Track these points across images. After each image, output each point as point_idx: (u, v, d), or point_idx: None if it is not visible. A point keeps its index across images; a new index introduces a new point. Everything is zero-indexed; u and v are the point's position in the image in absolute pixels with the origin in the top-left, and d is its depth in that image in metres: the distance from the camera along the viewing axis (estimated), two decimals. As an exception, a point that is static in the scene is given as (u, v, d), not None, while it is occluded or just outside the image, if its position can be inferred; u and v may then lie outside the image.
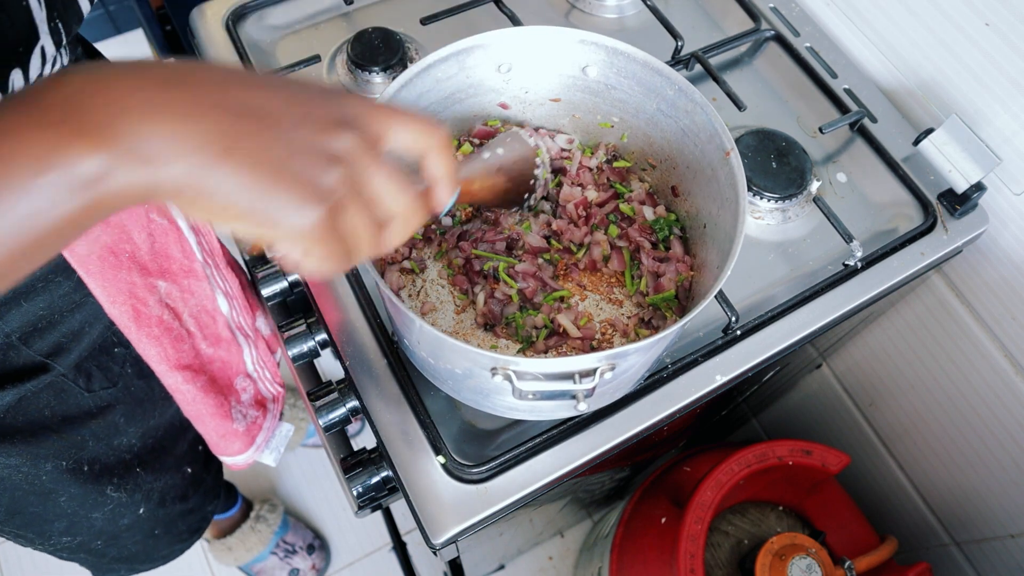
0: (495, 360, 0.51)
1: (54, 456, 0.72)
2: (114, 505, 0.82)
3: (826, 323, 0.73)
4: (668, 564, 0.93)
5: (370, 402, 0.67)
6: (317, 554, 1.50)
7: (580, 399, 0.53)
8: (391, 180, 0.38)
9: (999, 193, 0.81)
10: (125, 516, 0.84)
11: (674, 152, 0.68)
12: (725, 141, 0.60)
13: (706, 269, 0.64)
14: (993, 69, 0.78)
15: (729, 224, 0.59)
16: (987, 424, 0.94)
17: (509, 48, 0.65)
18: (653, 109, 0.67)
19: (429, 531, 0.62)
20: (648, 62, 0.63)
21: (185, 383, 0.78)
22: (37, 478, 0.73)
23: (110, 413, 0.76)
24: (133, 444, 0.81)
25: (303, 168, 0.35)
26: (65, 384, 0.70)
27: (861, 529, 1.02)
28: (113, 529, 0.85)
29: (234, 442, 0.87)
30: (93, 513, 0.81)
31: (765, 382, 1.04)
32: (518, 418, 0.65)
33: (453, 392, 0.63)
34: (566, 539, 1.54)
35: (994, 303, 0.86)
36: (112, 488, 0.80)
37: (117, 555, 0.91)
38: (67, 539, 0.83)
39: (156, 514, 0.89)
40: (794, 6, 0.95)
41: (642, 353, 0.56)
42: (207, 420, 0.82)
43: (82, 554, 0.88)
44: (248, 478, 1.60)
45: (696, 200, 0.67)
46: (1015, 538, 0.97)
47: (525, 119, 0.73)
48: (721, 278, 0.53)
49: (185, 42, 1.34)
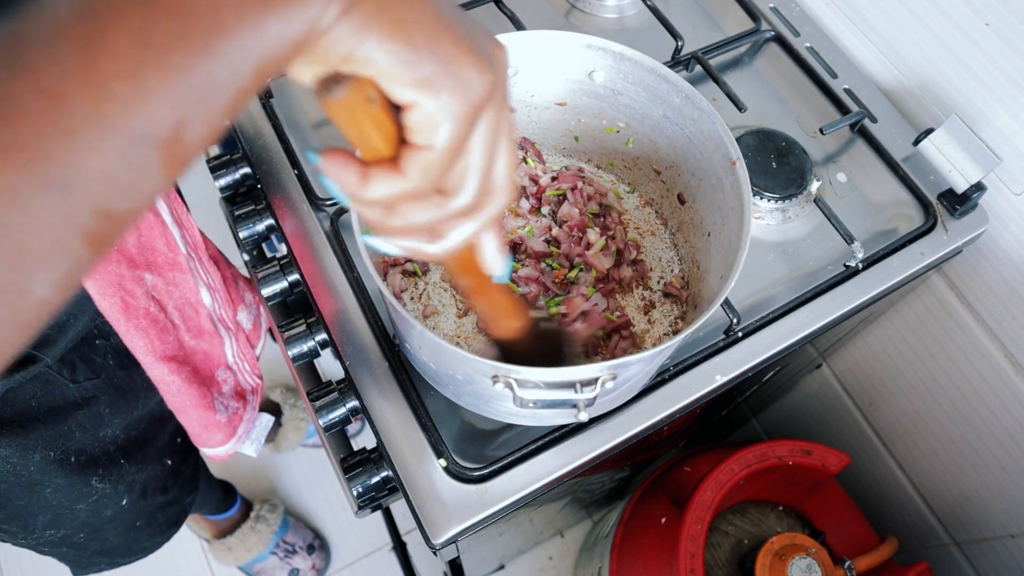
0: (496, 368, 0.51)
1: (42, 447, 0.73)
2: (98, 496, 0.82)
3: (826, 323, 0.73)
4: (668, 564, 0.93)
5: (370, 402, 0.67)
6: (317, 554, 1.50)
7: (580, 408, 0.53)
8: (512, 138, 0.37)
9: (999, 193, 0.81)
10: (108, 507, 0.85)
11: (679, 159, 0.67)
12: (732, 150, 0.59)
13: (710, 276, 0.63)
14: (993, 69, 0.78)
15: (734, 233, 0.58)
16: (987, 424, 0.94)
17: (515, 52, 0.65)
18: (659, 115, 0.66)
19: (429, 531, 0.62)
20: (655, 69, 0.63)
21: (170, 374, 0.78)
22: (25, 469, 0.73)
23: (95, 404, 0.76)
24: (118, 436, 0.82)
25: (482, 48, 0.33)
26: (50, 375, 0.71)
27: (861, 529, 1.02)
28: (96, 521, 0.86)
29: (216, 433, 0.88)
30: (77, 504, 0.81)
31: (765, 382, 1.04)
32: (518, 423, 0.65)
33: (453, 397, 0.63)
34: (566, 539, 1.54)
35: (994, 303, 0.86)
36: (97, 479, 0.81)
37: (99, 548, 0.91)
38: (51, 532, 0.83)
39: (138, 506, 0.89)
40: (794, 6, 0.95)
41: (644, 363, 0.56)
42: (191, 411, 0.83)
43: (64, 548, 0.88)
44: (248, 478, 1.60)
45: (701, 208, 0.67)
46: (1015, 538, 0.97)
47: (531, 122, 0.73)
48: (726, 287, 0.53)
49: (185, 42, 1.34)
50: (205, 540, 1.51)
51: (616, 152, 0.74)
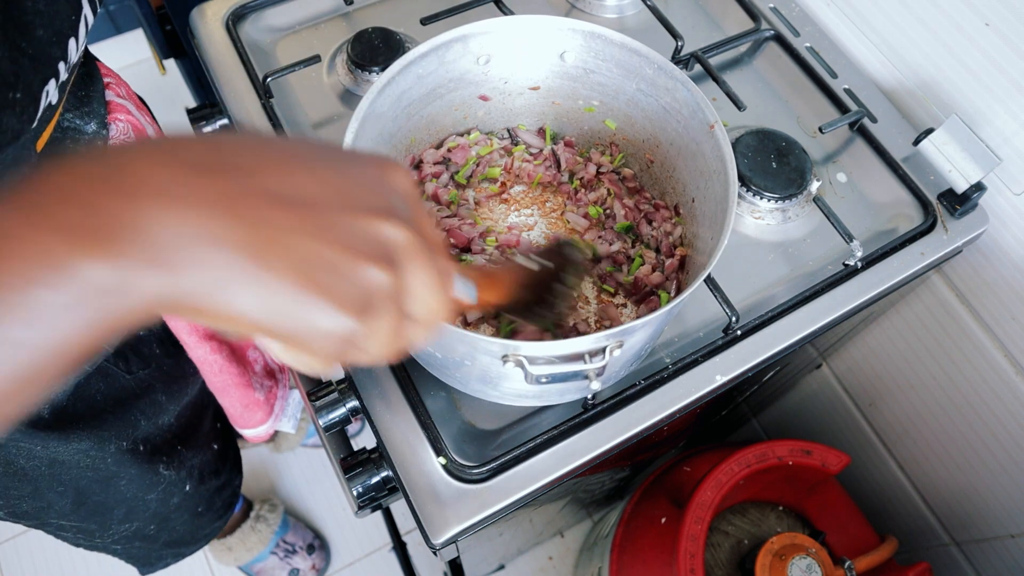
0: (505, 347, 0.52)
1: (115, 437, 0.76)
2: (166, 484, 0.85)
3: (826, 323, 0.73)
4: (668, 564, 0.93)
5: (370, 402, 0.67)
6: (317, 554, 1.50)
7: (592, 378, 0.54)
8: (434, 285, 0.34)
9: (999, 193, 0.81)
10: (175, 495, 0.88)
11: (656, 130, 0.69)
12: (708, 115, 0.61)
13: (699, 241, 0.65)
14: (993, 69, 0.78)
15: (719, 195, 0.60)
16: (987, 424, 0.94)
17: (487, 40, 0.66)
18: (633, 89, 0.67)
19: (429, 531, 0.62)
20: (625, 43, 0.64)
21: (212, 353, 0.81)
22: (103, 461, 0.76)
23: (152, 392, 0.79)
24: (172, 423, 0.85)
25: (343, 271, 0.30)
26: (109, 368, 0.73)
27: (861, 529, 1.02)
28: (165, 511, 0.88)
29: (256, 412, 0.91)
30: (148, 495, 0.84)
31: (765, 382, 1.04)
32: (526, 404, 0.66)
33: (460, 385, 0.64)
34: (566, 539, 1.54)
35: (994, 303, 0.86)
36: (163, 466, 0.84)
37: (168, 539, 0.94)
38: (125, 526, 0.86)
39: (199, 491, 0.92)
40: (794, 6, 0.95)
41: (647, 328, 0.56)
42: (232, 391, 0.86)
43: (137, 543, 0.91)
44: (248, 478, 1.60)
45: (683, 176, 0.68)
46: (1015, 538, 0.97)
47: (506, 108, 0.74)
48: (718, 248, 0.54)
49: (185, 42, 1.34)
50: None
51: (593, 132, 0.76)
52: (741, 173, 0.77)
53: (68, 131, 0.60)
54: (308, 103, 0.84)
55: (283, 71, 0.82)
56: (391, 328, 0.33)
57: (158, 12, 1.38)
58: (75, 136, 0.60)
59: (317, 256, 0.30)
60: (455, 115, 0.72)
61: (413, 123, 0.69)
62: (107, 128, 0.64)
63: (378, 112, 0.62)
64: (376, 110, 0.61)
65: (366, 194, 0.32)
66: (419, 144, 0.73)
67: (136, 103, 0.73)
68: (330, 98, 0.85)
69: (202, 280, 0.28)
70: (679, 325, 0.72)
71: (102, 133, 0.63)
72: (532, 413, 0.67)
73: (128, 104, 0.69)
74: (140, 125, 0.69)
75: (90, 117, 0.62)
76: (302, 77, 0.85)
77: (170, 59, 1.49)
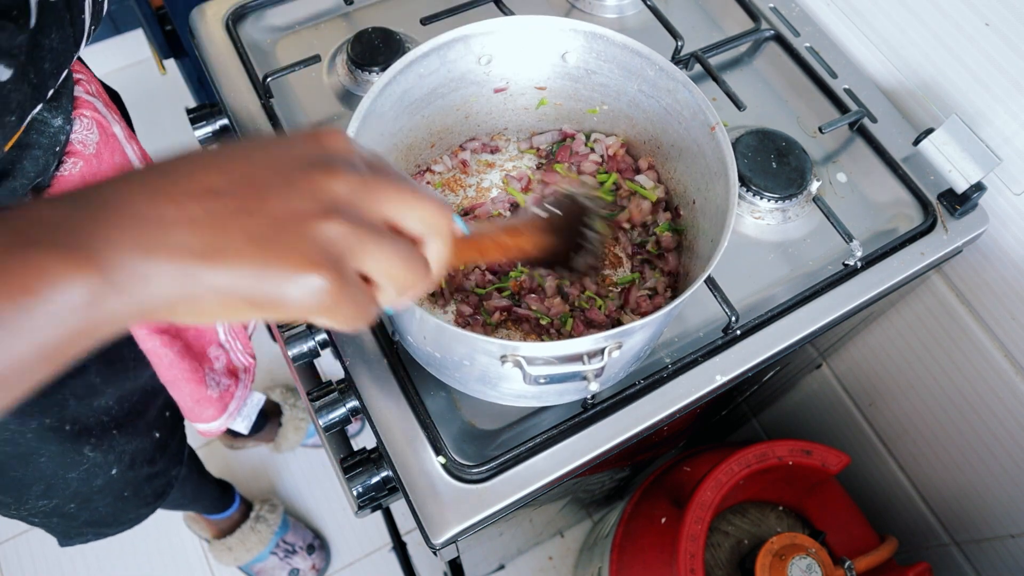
0: (504, 347, 0.52)
1: (39, 413, 0.75)
2: (89, 465, 0.84)
3: (826, 323, 0.73)
4: (668, 564, 0.93)
5: (370, 402, 0.67)
6: (317, 554, 1.50)
7: (591, 379, 0.53)
8: (392, 218, 0.35)
9: (999, 193, 0.81)
10: (99, 477, 0.87)
11: (657, 132, 0.69)
12: (709, 116, 0.61)
13: (701, 242, 0.64)
14: (993, 69, 0.78)
15: (720, 196, 0.60)
16: (987, 424, 0.94)
17: (489, 40, 0.66)
18: (635, 90, 0.67)
19: (429, 531, 0.62)
20: (627, 44, 0.64)
21: (162, 347, 0.80)
22: (23, 436, 0.75)
23: (86, 373, 0.78)
24: (111, 406, 0.84)
25: (291, 233, 0.31)
26: None
27: (861, 529, 1.02)
28: (87, 491, 0.88)
29: (207, 408, 0.90)
30: (70, 473, 0.83)
31: (765, 382, 1.04)
32: (525, 405, 0.66)
33: (459, 384, 0.64)
34: (566, 539, 1.54)
35: (994, 303, 0.86)
36: (89, 448, 0.83)
37: (88, 518, 0.94)
38: (43, 502, 0.85)
39: (126, 476, 0.91)
40: (794, 6, 0.95)
41: (647, 329, 0.56)
42: (182, 385, 0.85)
43: (55, 518, 0.90)
44: (248, 478, 1.60)
45: (684, 177, 0.68)
46: (1015, 538, 0.97)
47: (507, 109, 0.74)
48: (719, 249, 0.54)
49: (185, 42, 1.34)
50: (205, 540, 1.51)
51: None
52: (741, 173, 0.77)
53: (35, 123, 0.60)
54: (308, 103, 0.84)
55: (283, 71, 0.82)
56: (366, 268, 0.34)
57: (158, 12, 1.38)
58: (40, 128, 0.61)
59: (261, 229, 0.31)
60: (456, 115, 0.72)
61: (414, 123, 0.69)
62: (71, 123, 0.65)
63: (379, 111, 0.62)
64: (377, 109, 0.61)
65: (298, 161, 0.33)
66: (419, 145, 0.73)
67: (105, 100, 0.72)
68: (330, 98, 0.85)
69: (158, 293, 0.29)
70: (679, 325, 0.72)
71: (66, 128, 0.63)
72: (532, 413, 0.67)
73: (96, 101, 0.69)
74: (105, 123, 0.69)
75: (58, 112, 0.62)
76: (302, 77, 0.85)
77: (170, 59, 1.50)
